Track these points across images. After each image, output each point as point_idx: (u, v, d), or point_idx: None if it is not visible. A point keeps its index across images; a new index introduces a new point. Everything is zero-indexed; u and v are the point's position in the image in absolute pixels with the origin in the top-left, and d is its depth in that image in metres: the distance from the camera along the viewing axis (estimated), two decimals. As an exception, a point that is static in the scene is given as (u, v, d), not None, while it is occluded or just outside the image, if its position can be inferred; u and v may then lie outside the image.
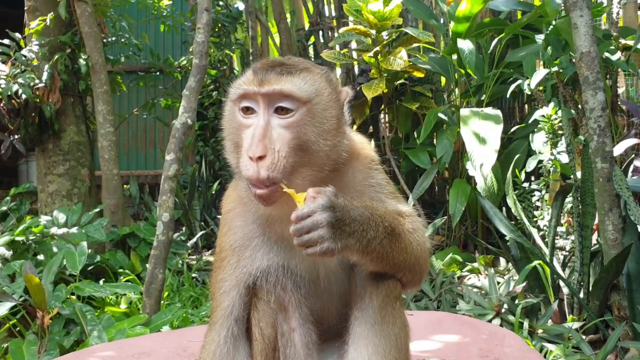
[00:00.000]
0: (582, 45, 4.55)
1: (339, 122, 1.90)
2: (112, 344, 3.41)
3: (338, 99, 1.94)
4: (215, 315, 2.06)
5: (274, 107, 1.80)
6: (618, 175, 4.43)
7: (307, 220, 1.69)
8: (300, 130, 1.80)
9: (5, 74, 7.37)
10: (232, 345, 2.03)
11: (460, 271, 6.29)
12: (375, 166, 2.09)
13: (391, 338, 1.92)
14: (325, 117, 1.85)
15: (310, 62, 1.99)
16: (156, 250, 4.92)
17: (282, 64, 1.87)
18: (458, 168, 7.40)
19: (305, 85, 1.83)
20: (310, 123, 1.82)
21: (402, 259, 1.90)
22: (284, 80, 1.81)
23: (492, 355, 2.71)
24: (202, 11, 5.15)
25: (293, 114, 1.80)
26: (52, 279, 4.71)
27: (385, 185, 2.08)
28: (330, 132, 1.86)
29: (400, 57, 6.83)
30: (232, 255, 2.04)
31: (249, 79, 1.85)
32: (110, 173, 7.38)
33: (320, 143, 1.83)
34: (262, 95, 1.80)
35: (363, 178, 2.03)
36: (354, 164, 2.02)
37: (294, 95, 1.79)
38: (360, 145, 2.11)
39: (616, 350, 4.32)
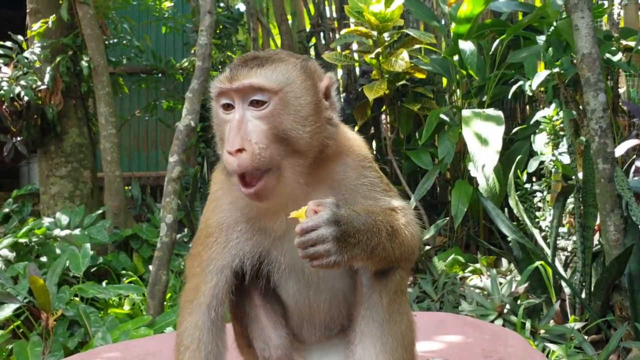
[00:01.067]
0: (583, 47, 4.57)
1: (316, 108, 1.90)
2: (117, 345, 3.42)
3: (315, 86, 1.93)
4: (197, 295, 2.01)
5: (248, 100, 1.83)
6: (619, 176, 4.44)
7: (312, 234, 1.70)
8: (275, 120, 1.82)
9: (7, 76, 7.40)
10: (216, 329, 2.01)
11: (463, 272, 6.30)
12: (368, 164, 2.09)
13: (398, 336, 1.93)
14: (299, 104, 1.86)
15: (288, 53, 2.01)
16: (160, 251, 4.94)
17: (255, 57, 1.91)
18: (460, 169, 7.41)
19: (274, 76, 1.85)
20: (285, 112, 1.84)
21: (400, 253, 1.92)
22: (253, 74, 1.84)
23: (495, 356, 2.73)
24: (204, 14, 5.17)
25: (266, 105, 1.82)
26: (56, 281, 4.73)
27: (378, 182, 2.08)
28: (308, 119, 1.86)
29: (401, 59, 6.84)
30: (220, 234, 2.03)
31: (223, 77, 1.89)
32: (113, 175, 7.40)
33: (299, 130, 1.84)
34: (234, 91, 1.84)
35: (356, 176, 2.03)
36: (346, 161, 2.03)
37: (263, 87, 1.82)
38: (352, 142, 2.11)
39: (618, 351, 4.33)
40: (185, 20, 10.37)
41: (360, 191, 2.02)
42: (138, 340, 3.62)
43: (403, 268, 2.03)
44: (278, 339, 2.08)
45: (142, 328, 4.31)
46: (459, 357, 2.73)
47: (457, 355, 2.75)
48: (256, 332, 2.08)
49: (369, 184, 2.04)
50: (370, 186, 2.04)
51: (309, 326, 2.14)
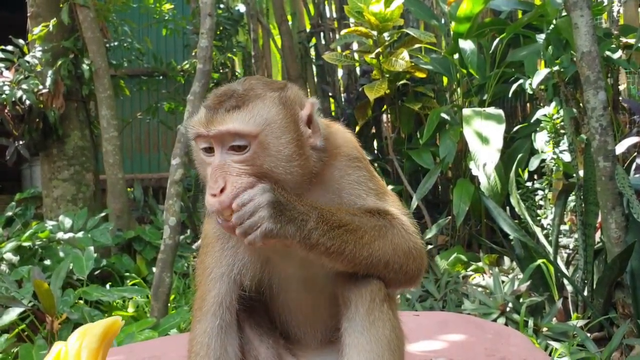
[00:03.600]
0: (583, 45, 4.58)
1: (299, 142, 1.84)
2: (122, 348, 3.44)
3: (295, 120, 1.87)
4: (204, 303, 2.01)
5: (228, 145, 1.79)
6: (620, 173, 4.45)
7: (248, 205, 1.69)
8: (256, 162, 1.78)
9: (9, 80, 7.44)
10: (225, 335, 2.00)
11: (465, 271, 6.31)
12: (355, 163, 2.03)
13: (383, 342, 1.90)
14: (280, 144, 1.81)
15: (267, 83, 1.94)
16: (163, 254, 4.97)
17: (232, 96, 1.82)
18: (461, 168, 7.42)
19: (252, 119, 1.78)
20: (265, 154, 1.79)
21: (368, 254, 1.85)
22: (229, 119, 1.76)
23: (498, 355, 2.74)
24: (205, 16, 5.19)
25: (247, 150, 1.78)
26: (61, 284, 4.75)
27: (366, 181, 2.02)
28: (291, 156, 1.82)
29: (402, 58, 6.86)
30: (217, 243, 2.03)
31: (200, 119, 1.82)
32: (115, 177, 7.43)
33: (281, 168, 1.81)
34: (212, 137, 1.78)
35: (340, 176, 1.98)
36: (333, 164, 1.98)
37: (241, 133, 1.76)
38: (342, 143, 2.05)
39: (621, 348, 4.34)
40: (185, 22, 10.39)
41: (346, 189, 1.98)
42: (143, 342, 3.64)
43: (387, 280, 1.96)
44: (265, 350, 2.07)
45: (146, 330, 4.33)
46: (462, 356, 2.74)
47: (459, 355, 2.76)
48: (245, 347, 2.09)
49: (353, 181, 1.99)
50: (356, 183, 2.00)
51: (311, 330, 2.14)
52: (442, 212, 7.73)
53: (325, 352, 2.11)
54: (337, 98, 10.04)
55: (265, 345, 2.07)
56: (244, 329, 2.07)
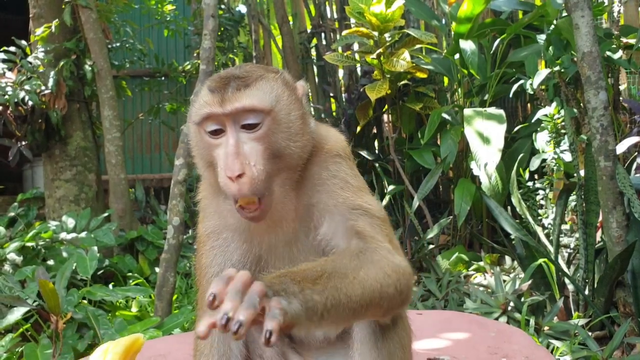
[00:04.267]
0: (583, 46, 4.60)
1: (304, 120, 1.91)
2: (127, 347, 3.47)
3: (297, 99, 1.92)
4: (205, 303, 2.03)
5: (240, 123, 1.79)
6: (621, 173, 4.48)
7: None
8: (270, 140, 1.80)
9: (11, 81, 7.46)
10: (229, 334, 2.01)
11: (467, 270, 6.33)
12: (336, 159, 2.01)
13: (394, 339, 1.92)
14: (290, 120, 1.85)
15: (263, 67, 1.97)
16: (167, 254, 5.00)
17: (237, 77, 1.83)
18: (462, 168, 7.44)
19: (264, 95, 1.81)
20: (278, 130, 1.82)
21: (361, 289, 1.65)
22: (244, 95, 1.78)
23: (500, 353, 2.76)
24: (208, 17, 5.21)
25: (260, 127, 1.79)
26: (65, 284, 4.78)
27: (345, 176, 1.99)
28: (298, 133, 1.87)
29: (403, 58, 6.89)
30: (207, 242, 2.04)
31: (209, 100, 1.81)
32: (118, 178, 7.46)
33: (292, 146, 1.84)
34: (227, 115, 1.78)
35: (319, 171, 1.98)
36: (315, 160, 1.99)
37: (256, 109, 1.78)
38: (327, 140, 2.06)
39: (622, 347, 4.37)
40: (187, 23, 10.42)
41: (324, 185, 1.96)
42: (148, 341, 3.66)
43: (388, 308, 1.79)
44: (270, 348, 2.07)
45: (150, 330, 4.35)
46: (465, 354, 2.77)
47: (463, 353, 2.79)
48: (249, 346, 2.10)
49: (330, 176, 1.97)
50: (332, 178, 1.97)
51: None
52: (443, 212, 7.75)
53: (329, 351, 2.12)
54: (338, 98, 10.07)
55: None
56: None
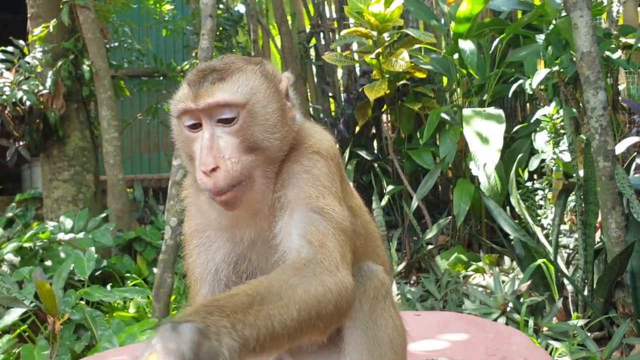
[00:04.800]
0: (582, 45, 4.59)
1: (282, 112, 1.89)
2: (124, 348, 3.45)
3: (277, 90, 1.91)
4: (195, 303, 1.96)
5: (216, 118, 1.80)
6: (620, 173, 4.47)
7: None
8: (246, 133, 1.79)
9: (9, 81, 7.45)
10: None
11: (466, 271, 6.32)
12: (314, 156, 1.94)
13: (386, 341, 1.90)
14: (267, 112, 1.84)
15: (245, 59, 1.95)
16: (164, 254, 4.98)
17: (214, 70, 1.84)
18: (461, 168, 7.43)
19: (239, 89, 1.81)
20: (254, 123, 1.81)
21: (297, 310, 1.56)
22: (217, 90, 1.78)
23: (499, 354, 2.75)
24: (206, 17, 5.20)
25: (235, 121, 1.79)
26: (62, 285, 4.77)
27: (317, 174, 1.90)
28: (276, 126, 1.86)
29: (402, 58, 6.87)
30: (192, 241, 2.03)
31: (185, 95, 1.83)
32: (116, 178, 7.44)
33: (270, 138, 1.83)
34: (200, 110, 1.79)
35: (292, 165, 1.92)
36: (293, 154, 1.94)
37: (230, 103, 1.78)
38: (309, 136, 2.01)
39: (621, 347, 4.36)
40: (185, 23, 10.40)
41: (292, 180, 1.90)
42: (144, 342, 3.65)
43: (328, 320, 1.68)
44: None
45: (148, 331, 4.34)
46: (464, 355, 2.76)
47: (461, 354, 2.78)
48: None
49: (300, 171, 1.90)
50: (302, 173, 1.90)
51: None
52: (442, 212, 7.74)
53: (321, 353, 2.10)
54: (337, 98, 10.06)
55: None
56: None
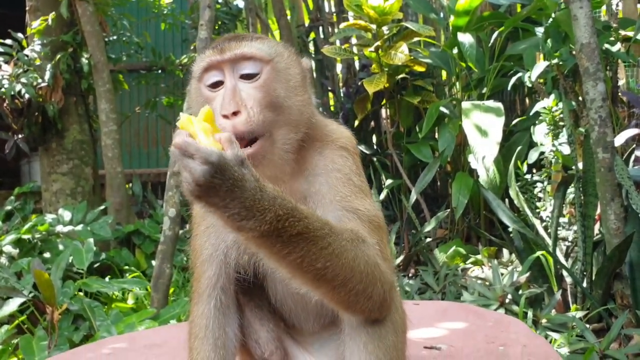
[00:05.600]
0: (582, 37, 4.58)
1: (303, 80, 1.95)
2: (123, 337, 3.45)
3: (299, 62, 1.99)
4: (199, 286, 1.99)
5: (239, 73, 1.83)
6: (619, 165, 4.46)
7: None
8: (269, 88, 1.83)
9: (8, 74, 7.44)
10: (223, 316, 1.98)
11: (464, 264, 6.32)
12: (343, 152, 1.98)
13: (387, 324, 1.86)
14: (289, 74, 1.90)
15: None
16: (163, 245, 4.99)
17: (239, 35, 1.92)
18: (460, 161, 7.43)
19: (264, 47, 1.88)
20: (277, 80, 1.86)
21: (323, 266, 1.59)
22: (244, 45, 1.85)
23: (498, 342, 2.75)
24: (204, 8, 5.19)
25: (259, 77, 1.83)
26: (61, 275, 4.77)
27: (349, 172, 1.94)
28: (298, 88, 1.90)
29: (401, 52, 6.87)
30: (201, 223, 2.02)
31: (210, 52, 1.88)
32: (114, 171, 7.44)
33: (292, 98, 1.87)
34: (225, 62, 1.82)
35: (323, 161, 1.95)
36: (320, 148, 1.97)
37: (255, 56, 1.83)
38: (334, 132, 2.04)
39: (620, 338, 4.36)
40: (184, 16, 10.39)
41: (324, 176, 1.92)
42: (144, 331, 3.66)
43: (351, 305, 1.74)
44: (266, 333, 2.06)
45: (146, 321, 4.35)
46: (463, 343, 2.76)
47: (460, 342, 2.77)
48: (245, 330, 2.08)
49: (334, 169, 1.93)
50: (335, 172, 1.92)
51: (304, 315, 2.10)
52: (440, 206, 7.74)
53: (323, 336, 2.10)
54: (336, 92, 10.05)
55: (266, 329, 2.06)
56: (244, 311, 2.06)
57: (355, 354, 1.82)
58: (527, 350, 2.61)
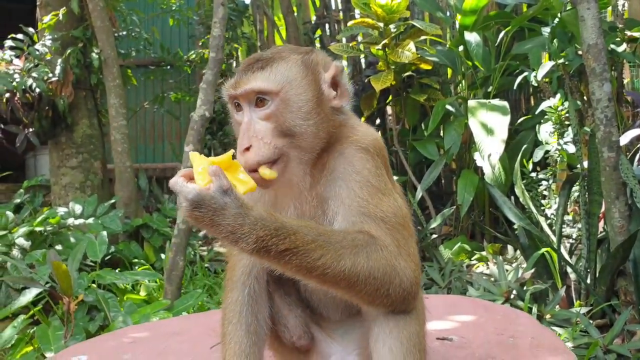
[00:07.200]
0: (589, 37, 4.65)
1: (318, 101, 1.97)
2: (142, 326, 3.55)
3: (316, 80, 1.99)
4: (235, 273, 2.10)
5: (254, 102, 1.94)
6: (624, 164, 4.54)
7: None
8: (279, 118, 1.91)
9: (19, 68, 7.51)
10: (256, 303, 2.09)
11: (469, 260, 6.41)
12: (363, 154, 2.00)
13: (412, 312, 1.96)
14: (300, 100, 1.94)
15: (292, 49, 2.08)
16: (177, 238, 5.07)
17: (258, 60, 1.99)
18: (465, 159, 7.51)
19: (274, 78, 1.94)
20: (287, 110, 1.92)
21: (321, 273, 1.73)
22: (253, 78, 1.93)
23: (507, 333, 2.83)
24: (218, 5, 5.27)
25: (269, 105, 1.92)
26: (77, 266, 4.85)
27: (368, 175, 1.97)
28: (310, 113, 1.94)
29: (408, 50, 6.95)
30: None
31: (231, 82, 1.99)
32: (123, 165, 7.51)
33: (303, 125, 1.92)
34: (239, 96, 1.96)
35: (343, 164, 1.98)
36: (339, 149, 2.01)
37: (263, 90, 1.92)
38: (357, 132, 2.07)
39: (623, 334, 4.44)
40: (191, 12, 10.45)
41: (342, 178, 1.97)
42: (164, 320, 3.74)
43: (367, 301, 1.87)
44: (294, 318, 2.16)
45: (160, 312, 4.43)
46: (473, 335, 2.84)
47: (470, 333, 2.86)
48: (274, 318, 2.18)
49: (352, 171, 1.97)
50: (353, 174, 1.96)
51: (332, 306, 2.19)
52: (445, 204, 7.81)
53: (347, 324, 2.19)
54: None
55: (294, 314, 2.16)
56: (274, 298, 2.15)
57: (380, 339, 1.92)
58: (536, 342, 2.69)
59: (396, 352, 1.90)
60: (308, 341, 2.17)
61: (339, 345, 2.18)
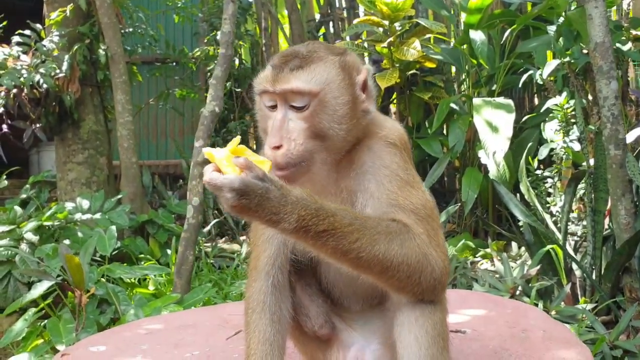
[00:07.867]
0: (596, 36, 4.69)
1: (353, 105, 1.96)
2: (155, 318, 3.58)
3: (352, 83, 1.98)
4: (259, 263, 2.12)
5: (290, 103, 1.92)
6: (631, 161, 4.58)
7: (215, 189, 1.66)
8: (314, 120, 1.90)
9: (26, 64, 7.53)
10: (279, 293, 2.11)
11: (473, 257, 6.45)
12: (391, 148, 2.04)
13: (435, 303, 1.98)
14: (337, 104, 1.93)
15: (328, 47, 2.07)
16: (186, 232, 5.12)
17: (296, 57, 1.95)
18: (468, 157, 7.56)
19: (314, 79, 1.91)
20: (323, 112, 1.91)
21: (356, 256, 1.76)
22: (294, 77, 1.90)
23: (518, 327, 2.87)
24: (228, 2, 5.31)
25: (306, 108, 1.90)
26: (89, 260, 4.89)
27: (396, 168, 2.01)
28: (344, 117, 1.93)
29: (413, 47, 6.99)
30: None
31: (266, 76, 1.96)
32: (129, 161, 7.55)
33: (336, 128, 1.92)
34: (276, 94, 1.92)
35: (372, 158, 2.02)
36: (372, 146, 2.03)
37: (303, 91, 1.90)
38: (384, 128, 2.09)
39: (628, 330, 4.48)
40: (196, 9, 10.48)
41: (370, 172, 2.00)
42: (176, 313, 3.79)
43: (398, 289, 1.90)
44: (316, 308, 2.19)
45: (171, 305, 4.47)
46: (485, 327, 2.88)
47: (482, 326, 2.89)
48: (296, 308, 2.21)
49: (381, 165, 2.00)
50: (382, 168, 2.00)
51: (354, 297, 2.23)
52: (449, 202, 7.86)
53: (367, 314, 2.23)
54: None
55: (316, 304, 2.19)
56: (295, 289, 2.18)
57: (405, 327, 1.94)
58: (548, 335, 2.73)
59: (422, 340, 1.92)
60: (329, 330, 2.21)
61: (359, 335, 2.21)
